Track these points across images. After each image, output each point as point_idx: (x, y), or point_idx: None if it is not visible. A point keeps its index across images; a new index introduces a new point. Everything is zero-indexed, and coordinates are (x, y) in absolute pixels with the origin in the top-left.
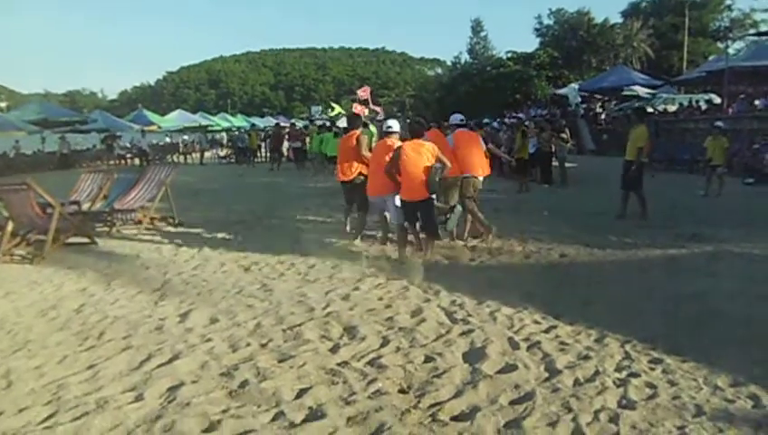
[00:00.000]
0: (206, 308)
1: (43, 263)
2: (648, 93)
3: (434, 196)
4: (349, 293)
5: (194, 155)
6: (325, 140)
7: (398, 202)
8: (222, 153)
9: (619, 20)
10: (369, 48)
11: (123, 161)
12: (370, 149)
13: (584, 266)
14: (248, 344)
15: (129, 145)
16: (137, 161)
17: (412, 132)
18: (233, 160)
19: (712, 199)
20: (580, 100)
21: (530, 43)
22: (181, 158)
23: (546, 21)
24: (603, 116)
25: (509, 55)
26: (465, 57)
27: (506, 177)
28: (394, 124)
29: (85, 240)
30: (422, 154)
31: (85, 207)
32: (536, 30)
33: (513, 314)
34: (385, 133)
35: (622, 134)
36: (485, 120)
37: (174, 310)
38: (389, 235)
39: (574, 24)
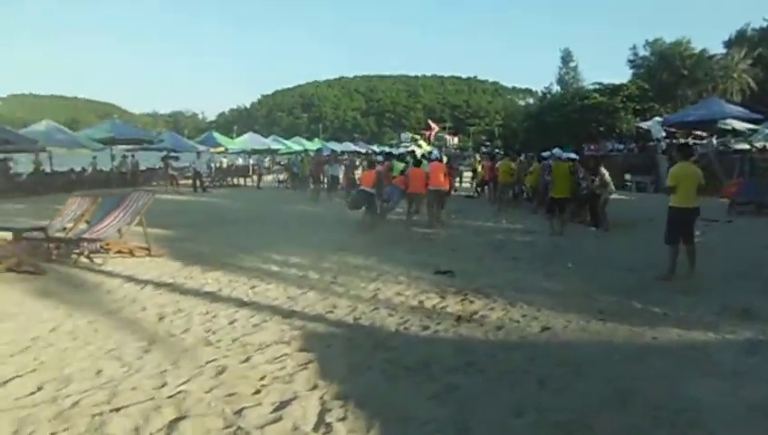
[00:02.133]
0: (52, 371)
1: None
2: (749, 128)
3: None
4: (228, 365)
5: (254, 178)
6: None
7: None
8: (280, 178)
9: (722, 50)
10: (462, 76)
11: (175, 182)
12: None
13: (560, 350)
14: (32, 433)
15: (187, 166)
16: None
17: (368, 164)
18: (289, 186)
19: None
20: (664, 134)
21: (624, 75)
22: (241, 180)
23: (642, 52)
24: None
25: (595, 87)
26: (556, 88)
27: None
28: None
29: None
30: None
31: (65, 231)
32: (630, 61)
33: (395, 422)
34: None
35: (705, 171)
36: (544, 154)
37: (15, 369)
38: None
39: (668, 55)
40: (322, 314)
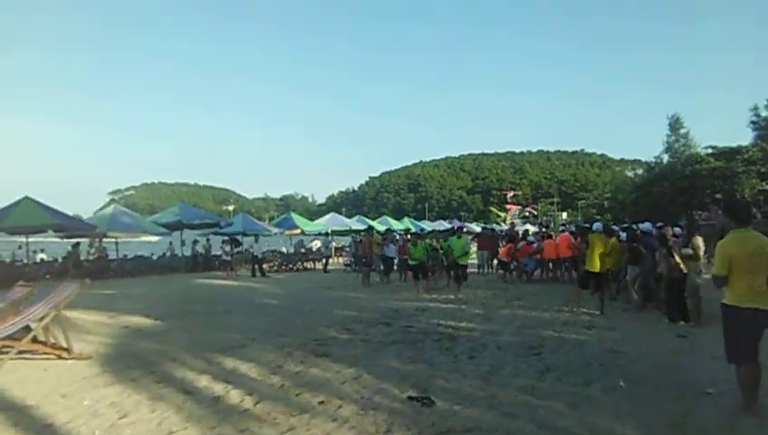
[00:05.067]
0: None
1: None
2: None
3: None
4: None
5: (326, 260)
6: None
7: None
8: (347, 261)
9: None
10: (568, 150)
11: (229, 267)
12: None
13: None
14: None
15: (243, 250)
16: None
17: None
18: (356, 269)
19: None
20: None
21: (745, 138)
22: (309, 264)
23: (764, 112)
24: None
25: (708, 151)
26: (665, 156)
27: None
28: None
29: None
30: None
31: None
32: (753, 123)
33: None
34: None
35: None
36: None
37: None
38: None
39: None
40: None
